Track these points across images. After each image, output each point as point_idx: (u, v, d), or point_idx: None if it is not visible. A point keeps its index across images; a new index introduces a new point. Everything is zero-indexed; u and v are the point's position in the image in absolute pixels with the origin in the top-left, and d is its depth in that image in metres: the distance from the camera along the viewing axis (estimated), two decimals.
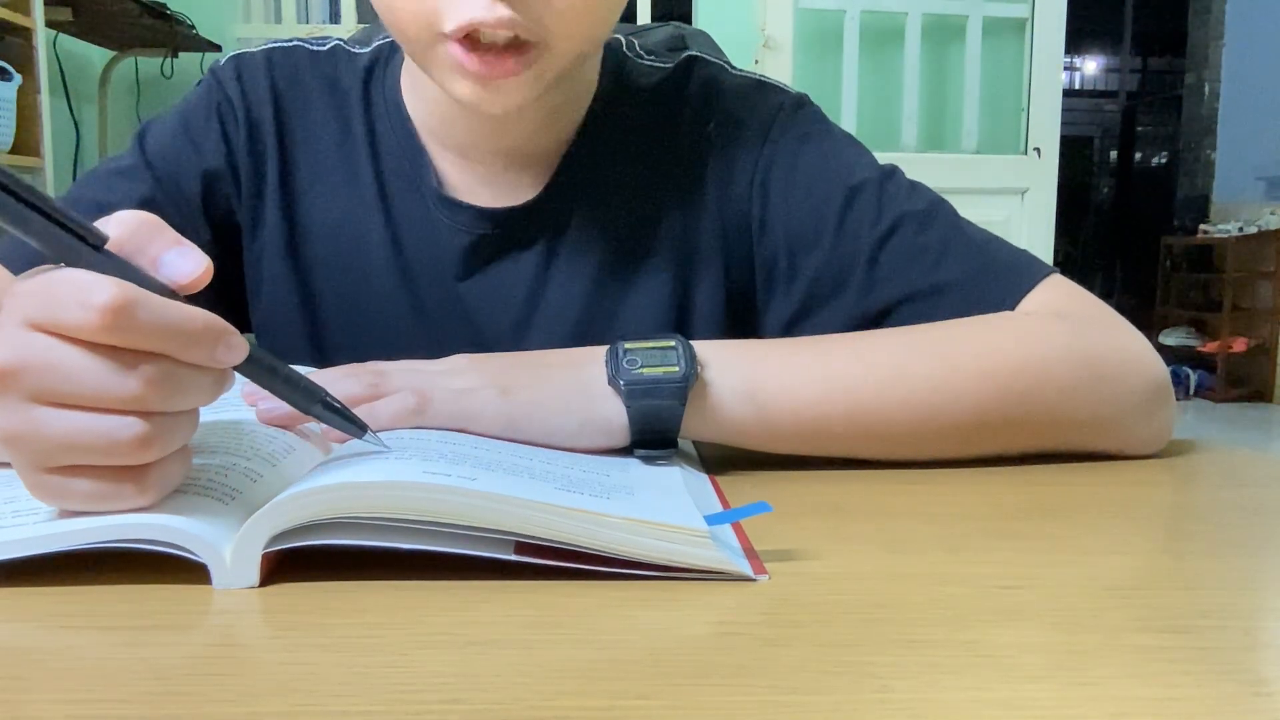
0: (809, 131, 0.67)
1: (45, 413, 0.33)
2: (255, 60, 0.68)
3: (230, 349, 0.35)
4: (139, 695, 0.26)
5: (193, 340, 0.34)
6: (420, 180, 0.66)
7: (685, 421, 0.50)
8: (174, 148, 0.65)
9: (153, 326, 0.33)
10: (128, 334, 0.33)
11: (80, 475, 0.34)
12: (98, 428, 0.33)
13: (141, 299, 0.33)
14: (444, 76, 0.55)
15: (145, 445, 0.34)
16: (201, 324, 0.34)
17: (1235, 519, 0.46)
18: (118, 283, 0.33)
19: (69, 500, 0.35)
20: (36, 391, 0.33)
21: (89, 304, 0.32)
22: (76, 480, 0.34)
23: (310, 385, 0.39)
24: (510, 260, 0.66)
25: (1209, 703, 0.26)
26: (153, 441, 0.34)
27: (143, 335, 0.33)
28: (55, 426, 0.33)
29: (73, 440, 0.33)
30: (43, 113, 2.34)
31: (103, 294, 0.32)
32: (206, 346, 0.35)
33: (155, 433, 0.34)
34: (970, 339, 0.55)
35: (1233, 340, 5.00)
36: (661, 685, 0.27)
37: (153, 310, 0.33)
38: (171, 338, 0.34)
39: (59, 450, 0.34)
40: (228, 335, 0.35)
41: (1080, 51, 9.05)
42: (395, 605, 0.33)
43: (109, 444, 0.33)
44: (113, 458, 0.34)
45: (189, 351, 0.34)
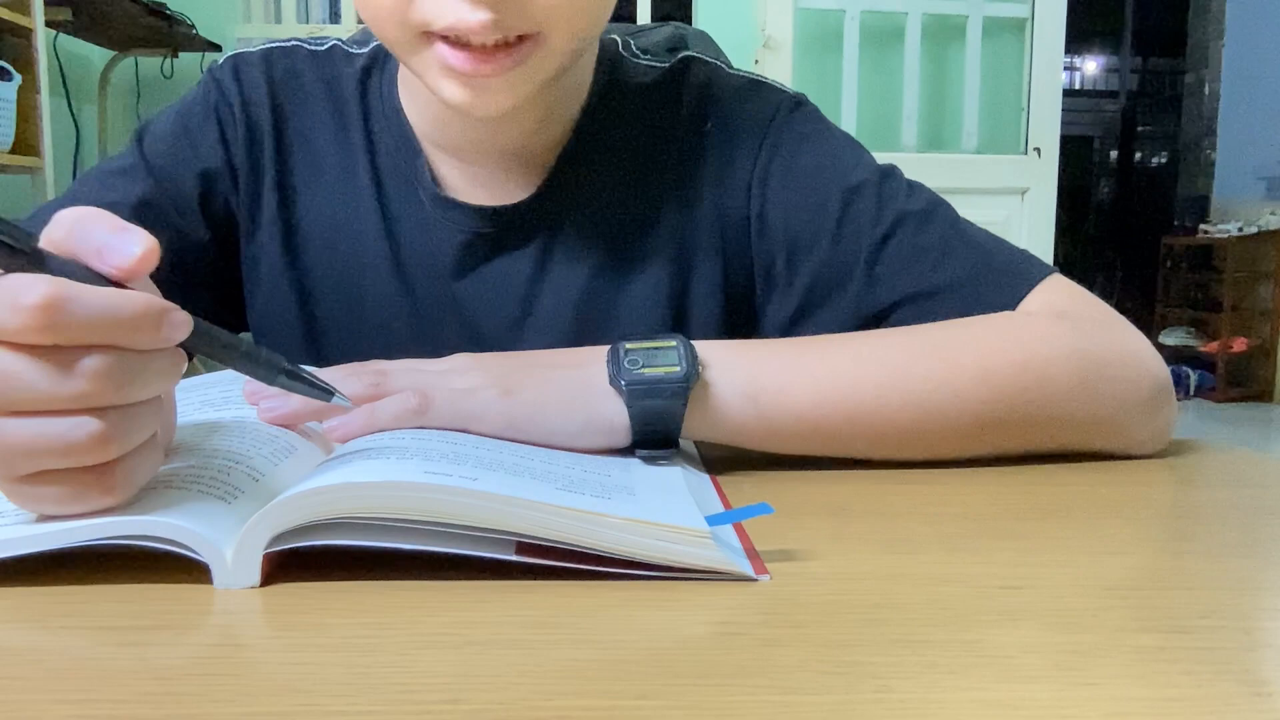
0: (807, 131, 0.67)
1: (3, 422, 0.32)
2: (253, 60, 0.68)
3: (174, 326, 0.34)
4: (139, 695, 0.26)
5: (134, 325, 0.33)
6: (416, 179, 0.66)
7: (686, 422, 0.50)
8: (172, 147, 0.66)
9: (89, 318, 0.32)
10: (65, 330, 0.32)
11: (46, 481, 0.33)
12: (52, 431, 0.32)
13: (73, 292, 0.32)
14: (432, 78, 0.55)
15: (104, 443, 0.33)
16: (140, 307, 0.33)
17: (1235, 519, 0.46)
18: (47, 280, 0.32)
19: (42, 506, 0.34)
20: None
21: (19, 305, 0.31)
22: (44, 487, 0.33)
23: (270, 356, 0.39)
24: (506, 259, 0.66)
25: (1209, 703, 0.26)
26: (111, 438, 0.33)
27: (81, 329, 0.32)
28: (12, 434, 0.32)
29: (31, 446, 0.32)
30: (43, 113, 2.33)
31: (31, 293, 0.31)
32: (150, 329, 0.33)
33: (112, 428, 0.33)
34: (971, 339, 0.55)
35: (1233, 340, 5.00)
36: (661, 685, 0.27)
37: (86, 301, 0.32)
38: (112, 327, 0.32)
39: (21, 458, 0.33)
40: (169, 312, 0.34)
41: (1080, 51, 9.05)
42: (395, 605, 0.33)
43: (66, 446, 0.32)
44: (74, 459, 0.33)
45: (133, 337, 0.33)
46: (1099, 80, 9.31)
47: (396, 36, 0.54)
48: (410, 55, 0.54)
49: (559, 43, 0.54)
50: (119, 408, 0.33)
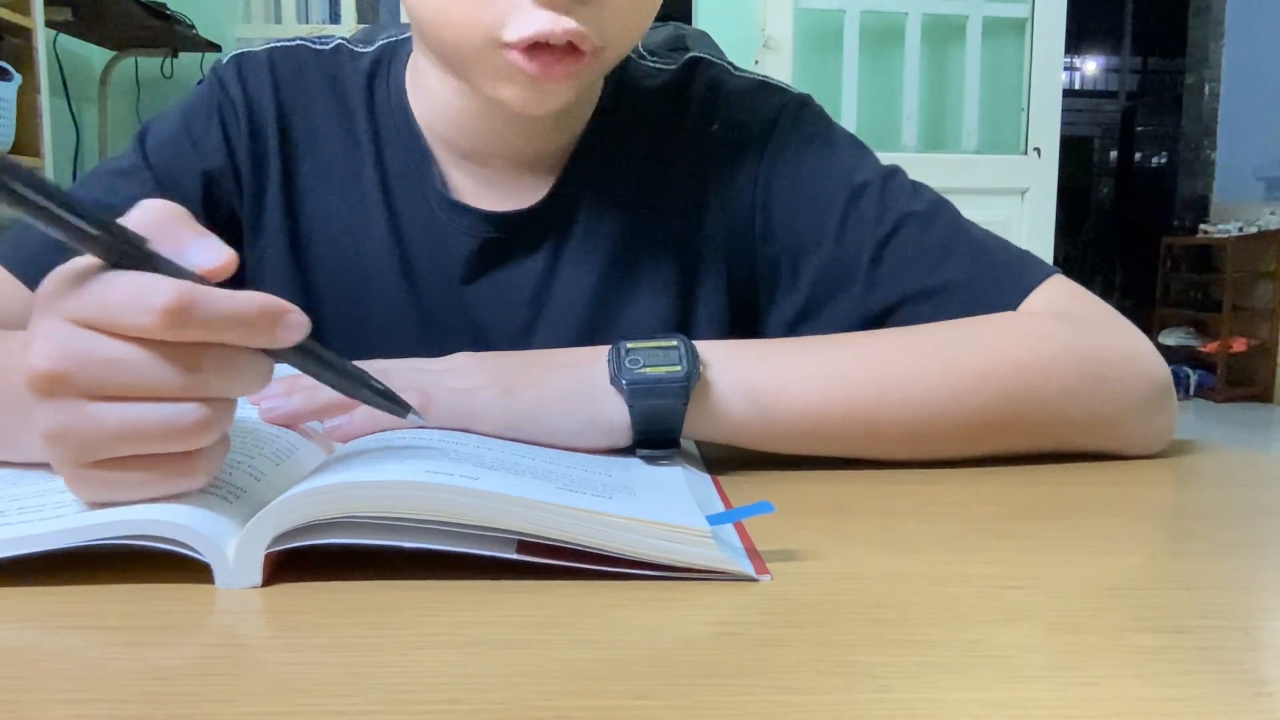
0: (812, 132, 0.67)
1: (98, 407, 0.34)
2: (257, 60, 0.68)
3: (290, 327, 0.35)
4: (139, 695, 0.26)
5: (252, 326, 0.35)
6: (425, 183, 0.66)
7: (687, 421, 0.50)
8: (174, 148, 0.65)
9: (212, 319, 0.34)
10: (189, 331, 0.33)
11: (130, 466, 0.34)
12: (157, 416, 0.34)
13: (199, 296, 0.33)
14: (490, 81, 0.55)
15: (204, 429, 0.34)
16: (257, 308, 0.35)
17: (1235, 519, 0.46)
18: (173, 283, 0.33)
19: (117, 491, 0.35)
20: (89, 388, 0.34)
21: (149, 307, 0.33)
22: (126, 471, 0.34)
23: (354, 369, 0.40)
24: (515, 264, 0.66)
25: (1209, 703, 0.26)
26: (210, 425, 0.35)
27: (203, 329, 0.34)
28: (111, 419, 0.34)
29: (129, 430, 0.34)
30: (43, 113, 2.34)
31: (160, 296, 0.33)
32: (266, 330, 0.35)
33: (213, 416, 0.35)
34: (972, 339, 0.55)
35: (1233, 340, 5.00)
36: (661, 685, 0.27)
37: (211, 303, 0.34)
38: (232, 327, 0.34)
39: (112, 442, 0.34)
40: (285, 313, 0.35)
41: (1080, 51, 9.05)
42: (395, 605, 0.33)
43: (168, 430, 0.34)
44: (170, 444, 0.34)
45: (249, 338, 0.35)
46: (1099, 80, 9.32)
47: (466, 42, 0.54)
48: (472, 59, 0.55)
49: (610, 54, 0.56)
50: (217, 400, 0.35)
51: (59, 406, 0.34)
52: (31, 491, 0.39)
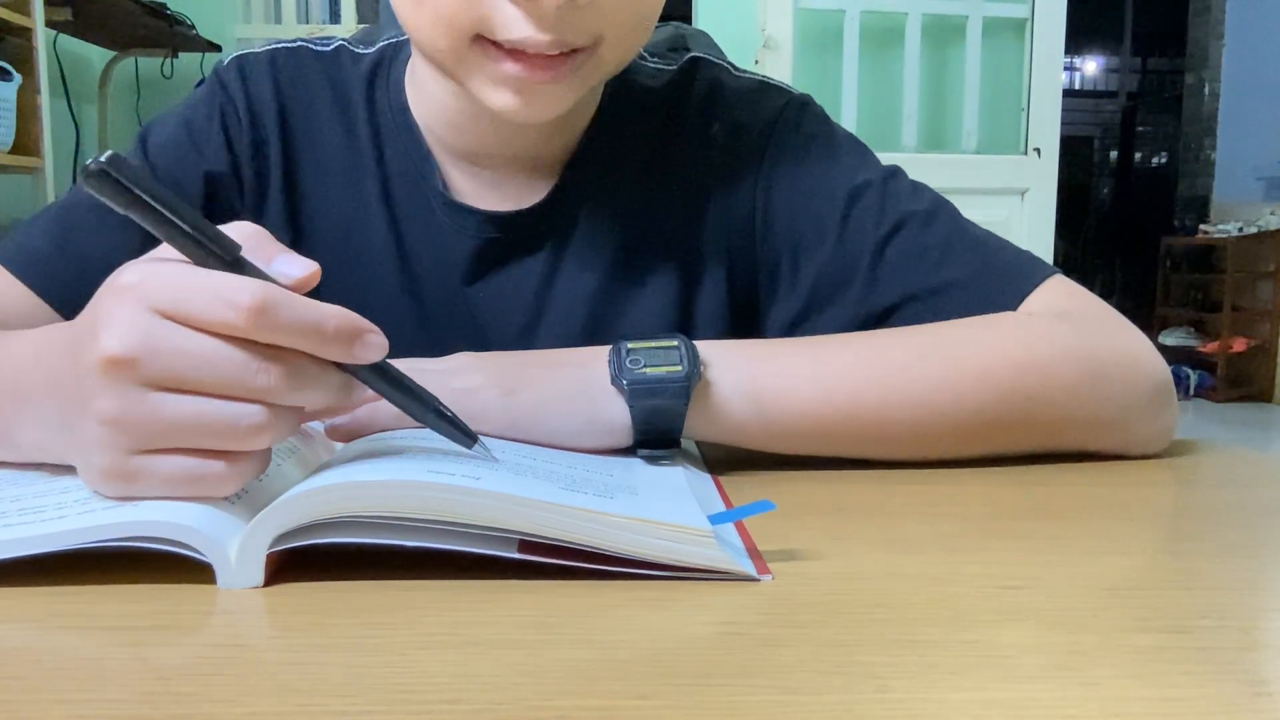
0: (813, 133, 0.67)
1: (161, 397, 0.34)
2: (259, 61, 0.68)
3: (368, 346, 0.36)
4: (139, 695, 0.26)
5: (330, 337, 0.35)
6: (425, 184, 0.66)
7: (688, 422, 0.50)
8: (176, 149, 0.65)
9: (293, 324, 0.34)
10: (270, 332, 0.34)
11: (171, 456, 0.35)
12: (220, 412, 0.34)
13: (284, 299, 0.34)
14: (479, 85, 0.55)
15: (260, 432, 0.35)
16: (338, 322, 0.35)
17: (1235, 519, 0.46)
18: (259, 283, 0.34)
19: (146, 484, 0.35)
20: (158, 378, 0.34)
21: (234, 303, 0.33)
22: (164, 460, 0.35)
23: (425, 393, 0.40)
24: (517, 264, 0.66)
25: (1209, 703, 0.26)
26: (267, 430, 0.35)
27: (283, 332, 0.34)
28: (173, 410, 0.34)
29: (189, 422, 0.34)
30: (43, 113, 2.34)
31: (246, 294, 0.34)
32: (344, 343, 0.36)
33: (271, 422, 0.35)
34: (972, 339, 0.55)
35: (1233, 340, 5.00)
36: (661, 685, 0.27)
37: (294, 309, 0.34)
38: (310, 335, 0.35)
39: (167, 432, 0.34)
40: (367, 333, 0.36)
41: (1080, 51, 9.05)
42: (395, 605, 0.33)
43: (226, 428, 0.34)
44: (224, 442, 0.35)
45: (325, 348, 0.36)
46: (1099, 80, 9.32)
47: (449, 43, 0.53)
48: (459, 63, 0.54)
49: (609, 56, 0.55)
50: (280, 406, 0.35)
51: (123, 391, 0.34)
52: (32, 492, 0.39)
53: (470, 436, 0.41)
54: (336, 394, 0.37)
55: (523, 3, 0.49)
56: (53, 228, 0.62)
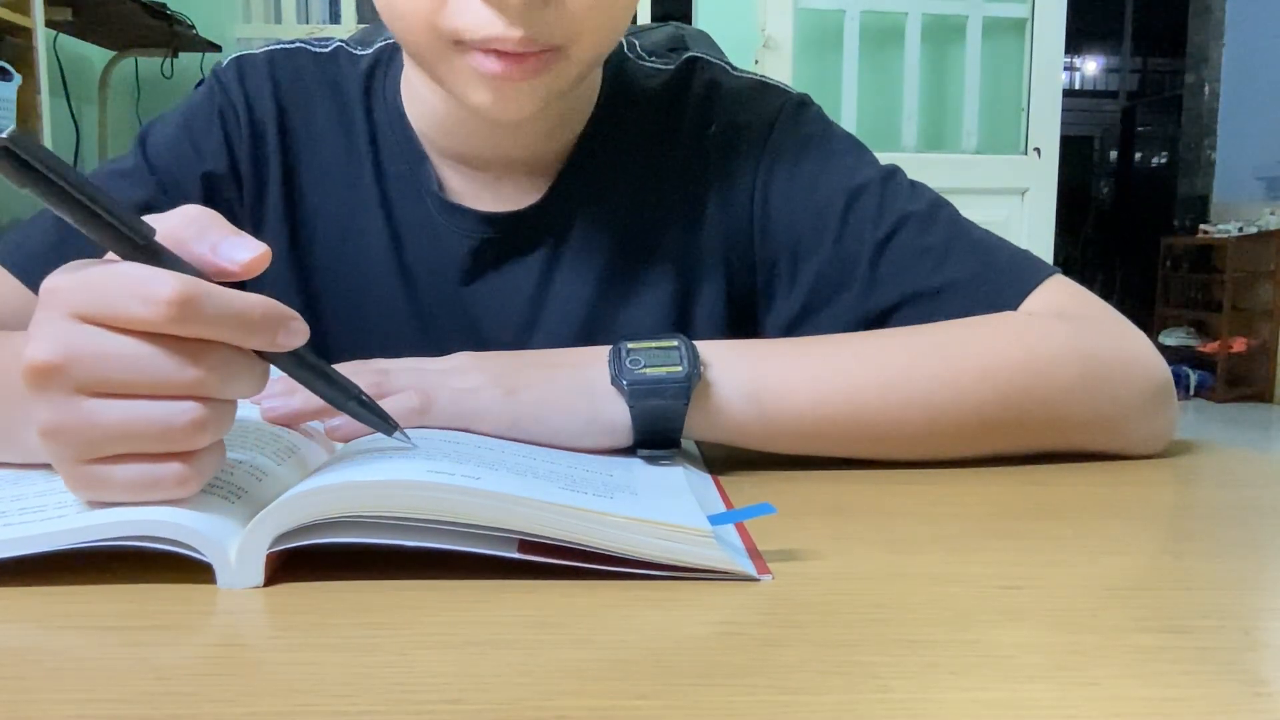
0: (811, 133, 0.67)
1: (94, 403, 0.34)
2: (257, 62, 0.68)
3: (291, 333, 0.36)
4: (139, 695, 0.26)
5: (254, 327, 0.35)
6: (421, 184, 0.66)
7: (688, 422, 0.50)
8: (175, 150, 0.65)
9: (215, 316, 0.34)
10: (192, 325, 0.33)
11: (124, 464, 0.34)
12: (153, 414, 0.34)
13: (204, 290, 0.33)
14: (459, 85, 0.55)
15: (200, 429, 0.34)
16: (263, 310, 0.35)
17: (1235, 519, 0.46)
18: (178, 276, 0.33)
19: (108, 491, 0.35)
20: (85, 383, 0.33)
21: (152, 298, 0.33)
22: (120, 468, 0.34)
23: (345, 381, 0.40)
24: (513, 265, 0.66)
25: (1209, 703, 0.26)
26: (207, 425, 0.34)
27: (206, 325, 0.34)
28: (106, 416, 0.34)
29: (126, 428, 0.34)
30: (43, 113, 2.33)
31: (165, 288, 0.33)
32: (268, 332, 0.35)
33: (210, 417, 0.35)
34: (972, 339, 0.55)
35: (1233, 340, 5.00)
36: (661, 685, 0.27)
37: (215, 300, 0.34)
38: (234, 326, 0.34)
39: (108, 440, 0.34)
40: (288, 320, 0.36)
41: (1080, 51, 9.05)
42: (395, 605, 0.33)
43: (163, 429, 0.34)
44: (165, 443, 0.34)
45: (250, 338, 0.35)
46: (1099, 80, 9.31)
47: (426, 44, 0.53)
48: (438, 62, 0.54)
49: (580, 55, 0.54)
50: (214, 401, 0.35)
51: (54, 401, 0.34)
52: (33, 491, 0.39)
53: (391, 424, 0.41)
54: (261, 381, 0.37)
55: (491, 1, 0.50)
56: (51, 227, 0.62)
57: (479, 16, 0.50)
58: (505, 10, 0.50)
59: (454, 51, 0.52)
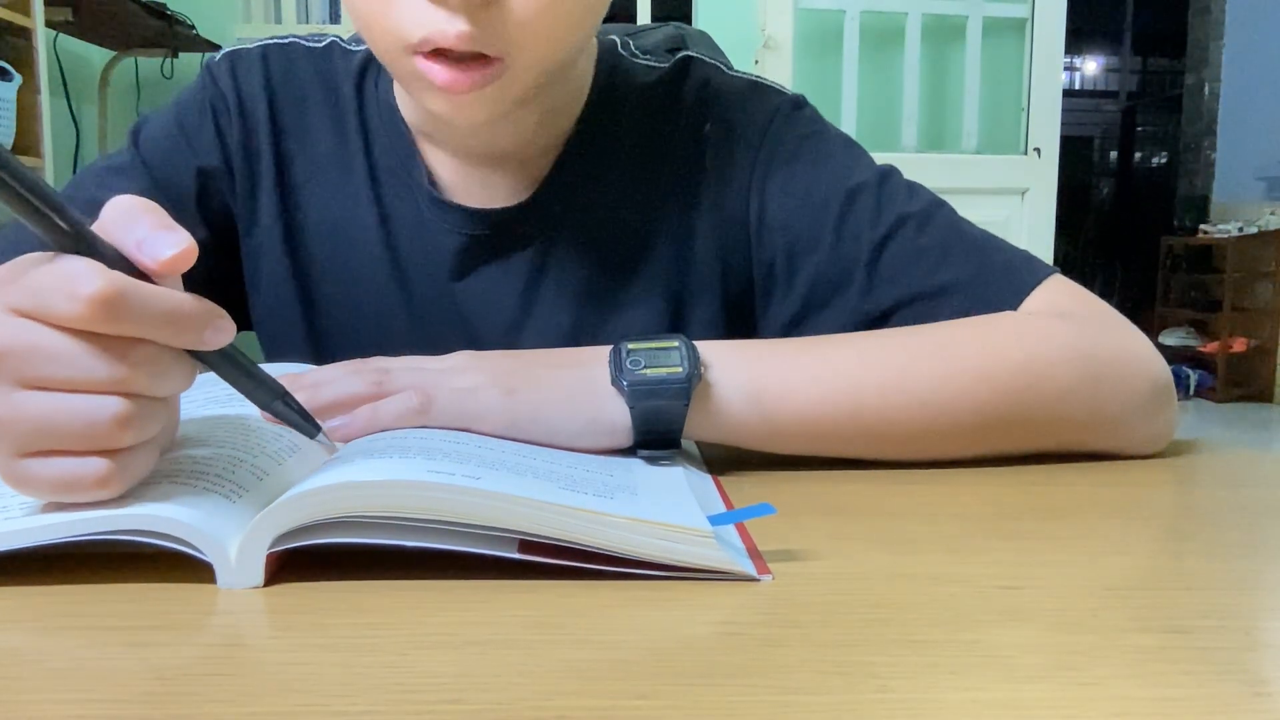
0: (806, 134, 0.67)
1: (23, 396, 0.34)
2: (250, 56, 0.68)
3: (218, 331, 0.36)
4: (139, 695, 0.26)
5: (182, 325, 0.34)
6: (412, 180, 0.66)
7: (689, 422, 0.50)
8: (168, 145, 0.65)
9: (142, 314, 0.33)
10: (116, 323, 0.33)
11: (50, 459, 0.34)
12: (76, 407, 0.33)
13: (130, 288, 0.33)
14: (415, 89, 0.55)
15: (124, 426, 0.34)
16: (190, 308, 0.35)
17: (1235, 519, 0.46)
18: (105, 272, 0.33)
19: (36, 488, 0.34)
20: (18, 376, 0.33)
21: (76, 295, 0.32)
22: (44, 463, 0.34)
23: (272, 382, 0.40)
24: (504, 261, 0.66)
25: (1209, 703, 0.26)
26: (132, 422, 0.34)
27: (132, 323, 0.33)
28: (34, 408, 0.33)
29: (50, 420, 0.33)
30: (43, 113, 2.33)
31: (90, 284, 0.32)
32: (195, 330, 0.35)
33: (135, 414, 0.34)
34: (972, 339, 0.55)
35: (1233, 340, 5.00)
36: (661, 685, 0.27)
37: (142, 298, 0.33)
38: (161, 324, 0.34)
39: (34, 433, 0.34)
40: (215, 318, 0.35)
41: (1080, 51, 9.05)
42: (395, 605, 0.33)
43: (86, 424, 0.33)
44: (89, 440, 0.34)
45: (178, 337, 0.35)
46: (1099, 80, 9.31)
47: (384, 49, 0.53)
48: (396, 67, 0.54)
49: (525, 64, 0.53)
50: (141, 398, 0.34)
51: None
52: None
53: (314, 425, 0.41)
54: (188, 379, 0.36)
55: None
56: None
57: (420, 14, 0.50)
58: (446, 6, 0.49)
59: (407, 57, 0.52)
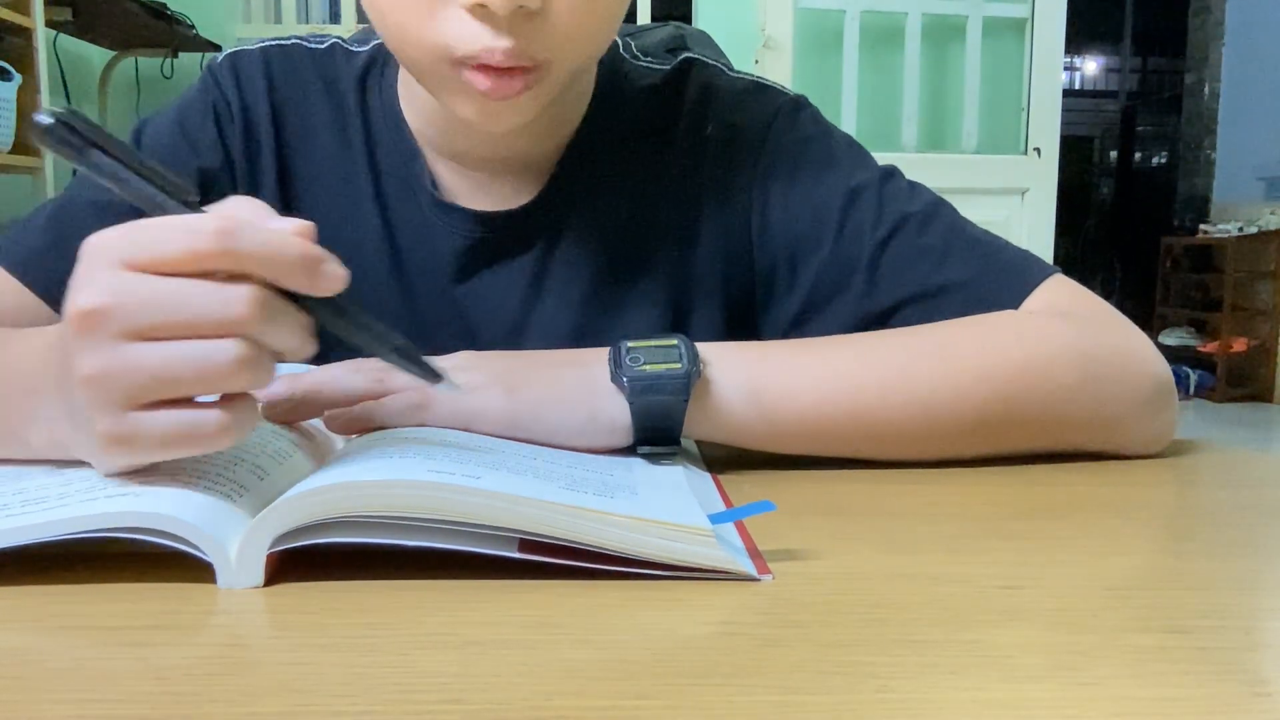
0: (808, 134, 0.67)
1: (138, 347, 0.34)
2: (252, 58, 0.68)
3: (330, 276, 0.36)
4: (139, 695, 0.26)
5: (297, 265, 0.36)
6: (415, 183, 0.66)
7: (688, 421, 0.50)
8: (170, 146, 0.65)
9: (257, 248, 0.35)
10: (234, 256, 0.34)
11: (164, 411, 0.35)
12: (195, 352, 0.34)
13: (246, 222, 0.35)
14: (448, 96, 0.55)
15: (241, 368, 0.35)
16: (305, 248, 0.36)
17: (1235, 519, 0.46)
18: (218, 214, 0.35)
19: (144, 444, 0.35)
20: (129, 328, 0.34)
21: (198, 229, 0.34)
22: (158, 415, 0.35)
23: (387, 332, 0.40)
24: (506, 265, 0.66)
25: (1209, 703, 0.26)
26: (249, 364, 0.35)
27: (249, 257, 0.34)
28: (150, 358, 0.34)
29: (167, 366, 0.34)
30: None
31: (209, 220, 0.34)
32: (308, 270, 0.36)
33: (250, 356, 0.35)
34: (972, 338, 0.55)
35: (1233, 340, 5.00)
36: (661, 685, 0.27)
37: (258, 231, 0.35)
38: (276, 261, 0.35)
39: (151, 382, 0.34)
40: (327, 261, 0.36)
41: (1080, 51, 9.05)
42: (395, 605, 0.33)
43: (203, 366, 0.34)
44: (209, 383, 0.35)
45: (292, 276, 0.36)
46: (1099, 80, 9.32)
47: (419, 58, 0.53)
48: (429, 74, 0.54)
49: (564, 67, 0.55)
50: (256, 346, 0.35)
51: (99, 347, 0.34)
52: (35, 485, 0.39)
53: (434, 374, 0.41)
54: (302, 332, 0.37)
55: (477, 11, 0.50)
56: (49, 225, 0.62)
57: (467, 29, 0.50)
58: (492, 22, 0.50)
59: (444, 65, 0.52)
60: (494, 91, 0.52)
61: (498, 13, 0.49)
